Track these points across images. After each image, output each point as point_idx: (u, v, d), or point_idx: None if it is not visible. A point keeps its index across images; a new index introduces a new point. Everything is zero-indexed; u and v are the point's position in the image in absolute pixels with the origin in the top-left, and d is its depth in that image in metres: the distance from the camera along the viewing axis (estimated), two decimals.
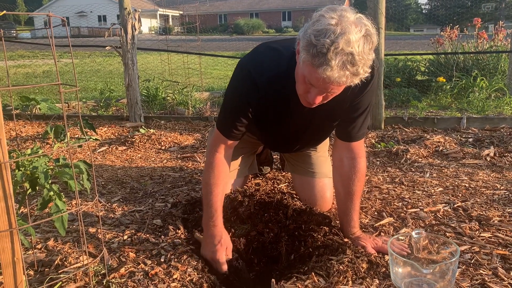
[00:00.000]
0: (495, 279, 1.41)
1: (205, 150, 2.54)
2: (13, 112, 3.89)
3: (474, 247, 1.62)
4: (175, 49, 5.71)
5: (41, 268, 1.50)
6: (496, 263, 1.50)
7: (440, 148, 3.08)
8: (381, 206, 2.05)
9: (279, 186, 2.31)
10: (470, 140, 3.34)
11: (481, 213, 1.93)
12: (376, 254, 1.54)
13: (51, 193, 1.22)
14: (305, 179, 2.10)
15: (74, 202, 2.14)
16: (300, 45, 1.37)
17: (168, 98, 5.14)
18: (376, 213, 1.99)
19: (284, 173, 2.56)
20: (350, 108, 1.68)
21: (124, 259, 1.54)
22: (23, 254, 1.53)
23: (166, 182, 2.48)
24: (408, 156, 2.90)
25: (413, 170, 2.67)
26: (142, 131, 3.72)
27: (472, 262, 1.52)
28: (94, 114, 4.83)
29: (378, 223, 1.86)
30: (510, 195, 2.12)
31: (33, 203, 2.12)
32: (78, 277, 1.41)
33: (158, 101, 5.11)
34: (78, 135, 3.71)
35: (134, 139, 3.45)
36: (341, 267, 1.42)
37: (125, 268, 1.48)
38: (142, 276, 1.43)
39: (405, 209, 2.01)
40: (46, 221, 1.54)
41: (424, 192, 2.23)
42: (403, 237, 1.54)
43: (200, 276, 1.48)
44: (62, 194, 1.31)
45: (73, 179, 1.21)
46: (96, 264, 1.49)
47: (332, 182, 1.94)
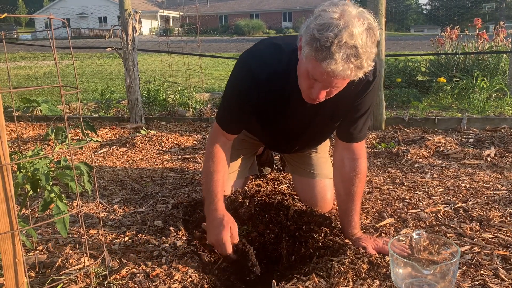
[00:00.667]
0: (495, 279, 1.41)
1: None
2: (14, 113, 3.89)
3: (474, 247, 1.62)
4: (176, 50, 5.72)
5: (42, 269, 1.50)
6: (497, 264, 1.50)
7: (441, 149, 3.08)
8: (381, 207, 2.05)
9: (280, 187, 2.31)
10: (471, 140, 3.34)
11: (481, 213, 1.93)
12: (377, 255, 1.54)
13: (52, 194, 1.23)
14: (305, 180, 2.10)
15: (75, 204, 2.15)
16: (302, 40, 1.37)
17: (169, 99, 5.15)
18: (376, 213, 1.99)
19: (284, 174, 2.56)
20: (351, 109, 1.68)
21: (125, 261, 1.54)
22: (24, 256, 1.53)
23: (167, 183, 2.48)
24: (408, 157, 2.90)
25: (413, 170, 2.67)
26: (143, 132, 3.73)
27: (472, 262, 1.52)
28: (95, 115, 4.83)
29: (379, 224, 1.86)
30: (511, 196, 2.12)
31: (34, 205, 2.13)
32: (79, 278, 1.41)
33: (159, 102, 5.11)
34: (79, 137, 3.71)
35: (135, 141, 3.46)
36: (341, 268, 1.42)
37: (126, 269, 1.48)
38: (143, 278, 1.43)
39: (405, 209, 2.01)
40: (47, 222, 1.55)
41: (424, 193, 2.23)
42: (403, 238, 1.54)
43: (201, 277, 1.48)
44: (63, 195, 1.31)
45: (74, 181, 1.22)
46: (97, 265, 1.50)
47: (332, 183, 1.94)
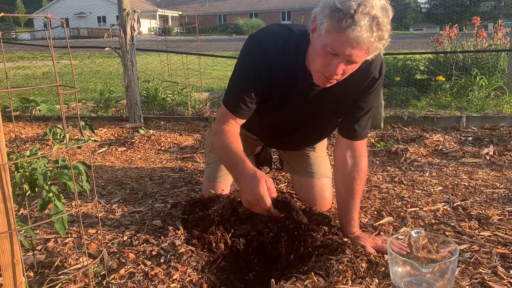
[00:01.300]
0: (494, 278, 1.41)
1: (204, 151, 2.54)
2: (12, 113, 3.89)
3: (473, 246, 1.62)
4: (174, 49, 5.72)
5: (41, 269, 1.50)
6: (495, 262, 1.50)
7: (440, 147, 3.08)
8: (380, 206, 2.05)
9: (279, 186, 2.31)
10: (470, 139, 3.34)
11: (480, 212, 1.93)
12: (376, 254, 1.54)
13: (50, 194, 1.22)
14: (304, 180, 2.10)
15: (74, 204, 2.14)
16: (317, 19, 1.40)
17: (168, 98, 5.14)
18: (375, 212, 1.99)
19: (283, 173, 2.56)
20: (356, 105, 1.69)
21: (124, 260, 1.54)
22: (23, 256, 1.53)
23: (166, 183, 2.48)
24: (407, 155, 2.90)
25: (412, 169, 2.67)
26: (141, 132, 3.72)
27: (471, 261, 1.52)
28: (93, 115, 4.83)
29: (378, 223, 1.86)
30: (510, 194, 2.12)
31: (33, 205, 2.12)
32: (78, 278, 1.41)
33: (157, 101, 5.11)
34: (78, 137, 3.71)
35: (133, 140, 3.46)
36: (340, 266, 1.42)
37: (125, 269, 1.48)
38: (142, 277, 1.43)
39: (404, 208, 2.01)
40: (45, 222, 1.54)
41: (423, 191, 2.23)
42: (402, 236, 1.54)
43: (200, 276, 1.48)
44: (62, 195, 1.31)
45: (72, 180, 1.21)
46: (96, 265, 1.50)
47: (331, 182, 1.94)
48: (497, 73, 5.76)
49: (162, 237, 1.73)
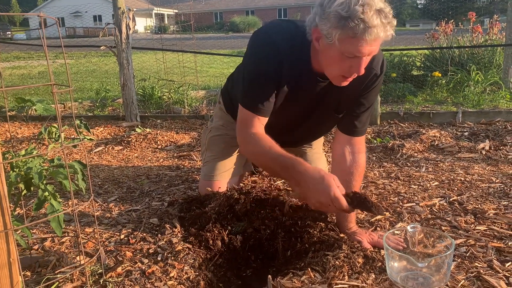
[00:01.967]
0: (490, 271, 1.41)
1: (200, 149, 2.54)
2: (7, 113, 3.88)
3: (469, 240, 1.63)
4: (170, 48, 5.70)
5: (38, 268, 1.50)
6: (491, 256, 1.51)
7: (436, 143, 3.09)
8: (377, 201, 2.05)
9: (276, 183, 2.31)
10: (466, 134, 3.35)
11: (476, 206, 1.94)
12: (372, 249, 1.55)
13: (46, 193, 1.22)
14: None
15: (71, 203, 2.14)
16: (322, 30, 1.41)
17: (164, 97, 5.14)
18: None
19: None
20: (357, 102, 1.71)
21: (121, 258, 1.54)
22: (19, 255, 1.53)
23: (163, 181, 2.48)
24: (404, 151, 2.91)
25: (409, 164, 2.68)
26: (138, 130, 3.72)
27: (467, 255, 1.52)
28: (90, 114, 4.82)
29: (374, 218, 1.87)
30: (505, 188, 2.13)
31: (29, 204, 2.12)
32: (75, 277, 1.41)
33: (154, 100, 5.10)
34: (75, 136, 3.70)
35: (130, 139, 3.45)
36: (337, 262, 1.42)
37: (122, 267, 1.48)
38: (139, 275, 1.43)
39: (401, 203, 2.01)
40: (42, 221, 1.54)
41: (420, 187, 2.24)
42: (398, 231, 1.54)
43: (197, 274, 1.48)
44: (58, 194, 1.31)
45: (67, 179, 1.21)
46: (93, 263, 1.50)
47: None
48: (493, 68, 5.77)
49: (159, 235, 1.73)
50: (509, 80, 5.41)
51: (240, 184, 2.23)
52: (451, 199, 2.03)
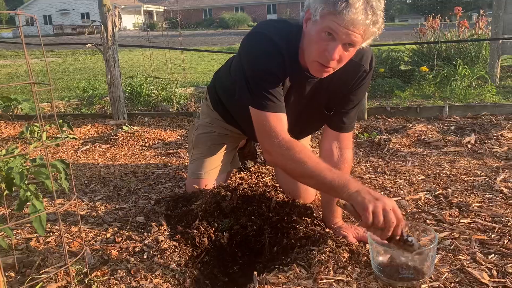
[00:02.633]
0: (473, 263, 1.43)
1: (187, 146, 2.52)
2: None
3: (454, 233, 1.65)
4: (158, 45, 5.66)
5: (22, 269, 1.49)
6: (474, 248, 1.53)
7: (422, 137, 3.11)
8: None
9: (263, 180, 2.32)
10: (452, 128, 3.38)
11: (461, 199, 1.96)
12: (358, 244, 1.56)
13: (28, 193, 1.21)
14: None
15: (57, 202, 2.12)
16: (311, 8, 1.41)
17: (152, 94, 5.10)
18: None
19: (268, 166, 2.57)
20: (346, 98, 1.71)
21: (106, 257, 1.54)
22: (3, 256, 1.52)
23: (150, 179, 2.47)
24: (390, 146, 2.93)
25: (395, 159, 2.69)
26: (125, 128, 3.69)
27: (451, 248, 1.54)
28: (77, 112, 4.77)
29: None
30: (490, 181, 2.16)
31: (14, 205, 2.10)
32: (59, 276, 1.40)
33: (142, 98, 5.06)
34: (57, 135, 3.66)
35: (117, 137, 3.43)
36: (322, 257, 1.43)
37: (107, 266, 1.47)
38: (124, 274, 1.42)
39: None
40: (24, 221, 1.53)
41: (406, 181, 2.25)
42: None
43: (183, 271, 1.48)
44: (40, 194, 1.30)
45: (49, 179, 1.20)
46: (78, 263, 1.49)
47: None
48: (479, 62, 5.82)
49: (145, 233, 1.72)
50: (495, 74, 5.47)
51: (228, 181, 2.23)
52: (436, 193, 2.05)
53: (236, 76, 1.70)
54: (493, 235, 1.61)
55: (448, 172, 2.35)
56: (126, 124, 3.94)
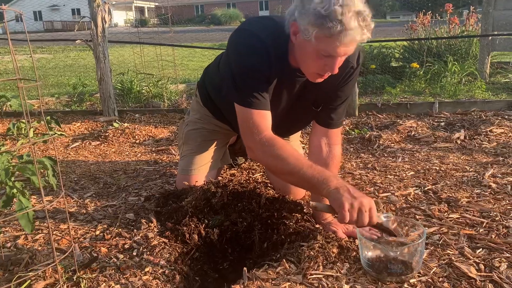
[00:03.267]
0: (461, 258, 1.44)
1: (178, 143, 2.51)
2: None
3: (442, 228, 1.66)
4: (148, 41, 5.63)
5: (10, 267, 1.47)
6: (463, 243, 1.54)
7: (412, 133, 3.13)
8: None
9: (254, 176, 2.31)
10: (442, 124, 3.40)
11: (450, 195, 1.97)
12: (347, 239, 1.57)
13: (14, 190, 1.20)
14: None
15: (46, 199, 2.11)
16: (300, 24, 1.39)
17: (143, 91, 5.07)
18: None
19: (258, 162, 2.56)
20: (334, 95, 1.72)
21: (95, 254, 1.53)
22: None
23: (140, 176, 2.46)
24: (381, 142, 2.94)
25: (385, 155, 2.70)
26: (115, 125, 3.67)
27: (440, 242, 1.55)
28: (67, 109, 4.74)
29: None
30: (478, 177, 2.17)
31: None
32: (47, 274, 1.39)
33: (133, 94, 5.03)
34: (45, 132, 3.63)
35: (107, 134, 3.41)
36: (311, 252, 1.43)
37: (96, 263, 1.46)
38: (113, 271, 1.42)
39: (377, 193, 2.04)
40: (11, 219, 1.51)
41: (396, 177, 2.26)
42: None
43: (173, 268, 1.47)
44: (27, 191, 1.29)
45: (35, 175, 1.19)
46: (67, 260, 1.48)
47: None
48: (469, 59, 5.85)
49: (135, 230, 1.72)
50: (484, 71, 5.50)
51: (218, 177, 2.22)
52: (426, 188, 2.06)
53: (224, 73, 1.70)
54: (481, 230, 1.63)
55: (437, 168, 2.37)
56: (117, 120, 3.91)
